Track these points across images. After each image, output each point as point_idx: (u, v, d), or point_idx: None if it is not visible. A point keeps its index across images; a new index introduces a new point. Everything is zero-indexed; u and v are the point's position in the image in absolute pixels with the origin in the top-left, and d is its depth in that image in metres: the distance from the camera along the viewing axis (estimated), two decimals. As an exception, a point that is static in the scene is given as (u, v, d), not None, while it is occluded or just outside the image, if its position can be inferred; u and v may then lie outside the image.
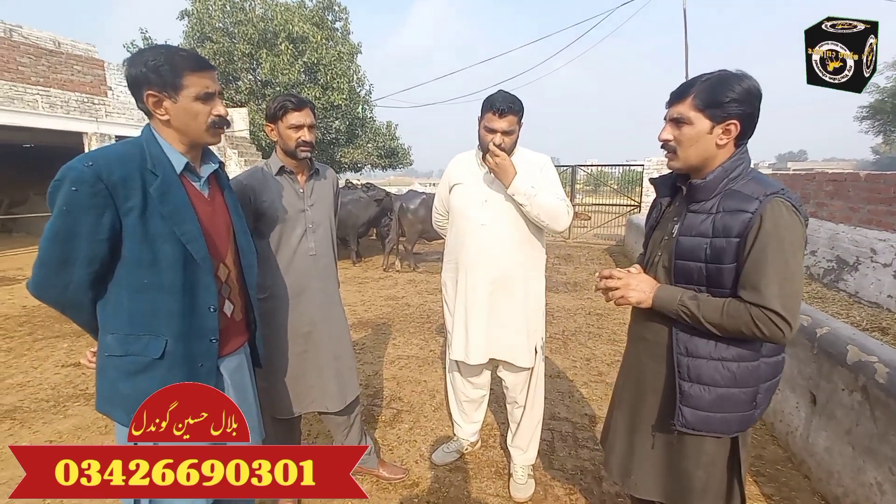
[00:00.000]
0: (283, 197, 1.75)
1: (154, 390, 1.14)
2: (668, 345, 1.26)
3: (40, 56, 8.13)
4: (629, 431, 1.40)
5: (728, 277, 1.14)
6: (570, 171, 11.90)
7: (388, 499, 2.06)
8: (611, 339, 4.19)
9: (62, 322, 4.71)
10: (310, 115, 1.74)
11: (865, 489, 1.77)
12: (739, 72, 1.15)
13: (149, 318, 1.14)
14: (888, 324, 4.01)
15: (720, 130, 1.16)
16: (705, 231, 1.16)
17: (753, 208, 1.09)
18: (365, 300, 5.61)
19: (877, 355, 1.85)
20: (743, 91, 1.12)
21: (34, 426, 2.69)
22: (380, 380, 3.32)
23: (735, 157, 1.18)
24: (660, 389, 1.31)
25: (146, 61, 1.12)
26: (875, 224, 5.04)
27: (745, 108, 1.14)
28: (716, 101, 1.13)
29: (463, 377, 2.22)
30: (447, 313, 2.17)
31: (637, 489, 1.37)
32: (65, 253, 1.07)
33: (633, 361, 1.42)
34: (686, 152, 1.21)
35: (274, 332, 1.76)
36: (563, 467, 2.30)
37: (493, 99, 1.83)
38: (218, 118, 1.21)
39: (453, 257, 2.07)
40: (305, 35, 13.08)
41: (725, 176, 1.17)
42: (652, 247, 1.38)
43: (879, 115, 23.17)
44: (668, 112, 1.23)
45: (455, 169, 2.07)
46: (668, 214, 1.36)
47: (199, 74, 1.17)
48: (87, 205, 1.05)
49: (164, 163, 1.16)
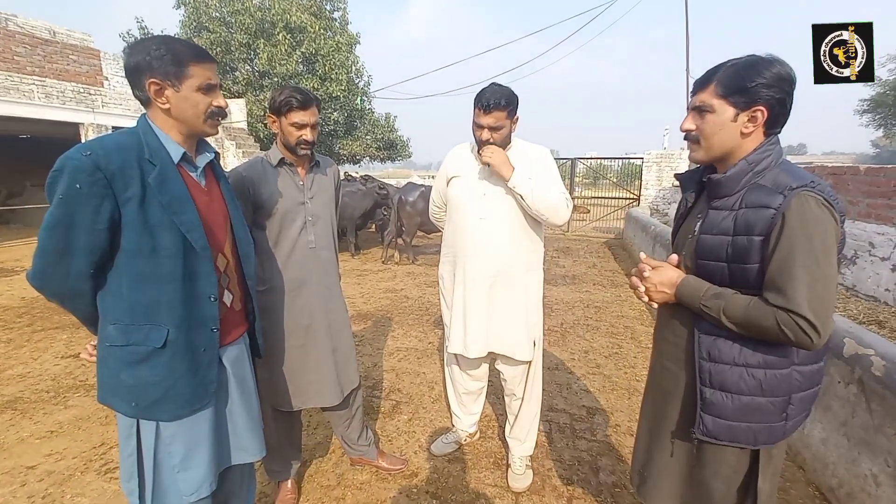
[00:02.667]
0: (282, 189, 1.74)
1: (157, 379, 1.16)
2: (688, 348, 1.19)
3: (36, 46, 8.05)
4: (649, 438, 1.35)
5: (753, 278, 1.06)
6: (569, 163, 11.87)
7: (387, 489, 2.08)
8: (609, 331, 4.21)
9: (61, 313, 4.71)
10: (314, 115, 1.72)
11: (860, 480, 1.79)
12: (769, 56, 1.06)
13: (150, 307, 1.14)
14: (885, 317, 4.03)
15: (745, 118, 1.07)
16: (727, 229, 1.09)
17: (778, 203, 1.01)
18: (364, 292, 5.62)
19: (873, 348, 1.87)
20: (772, 76, 1.03)
21: (35, 416, 2.70)
22: (379, 371, 3.33)
23: (762, 149, 1.09)
24: (680, 395, 1.24)
25: (150, 49, 1.12)
26: (874, 218, 5.04)
27: (773, 92, 1.04)
28: (740, 86, 1.05)
29: (461, 370, 2.23)
30: (444, 307, 2.17)
31: (651, 498, 1.32)
32: (64, 242, 1.07)
33: (655, 365, 1.36)
34: (709, 142, 1.13)
35: (274, 324, 1.76)
36: (561, 458, 2.32)
37: (481, 94, 1.80)
38: (217, 109, 1.22)
39: (451, 251, 2.06)
40: (303, 25, 12.97)
41: (749, 170, 1.09)
42: (678, 245, 1.31)
43: (880, 108, 23.10)
44: (692, 101, 1.16)
45: (453, 161, 2.05)
46: (693, 212, 1.29)
47: (203, 66, 1.18)
48: (86, 194, 1.04)
49: (162, 152, 1.16)
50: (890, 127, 24.92)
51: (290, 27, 12.90)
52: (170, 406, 1.18)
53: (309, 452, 2.34)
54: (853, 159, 61.66)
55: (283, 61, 12.80)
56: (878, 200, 4.99)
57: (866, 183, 5.21)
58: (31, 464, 2.26)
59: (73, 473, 2.19)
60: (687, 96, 5.96)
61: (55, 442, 2.45)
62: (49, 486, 2.10)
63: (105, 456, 2.32)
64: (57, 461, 2.28)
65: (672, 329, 1.25)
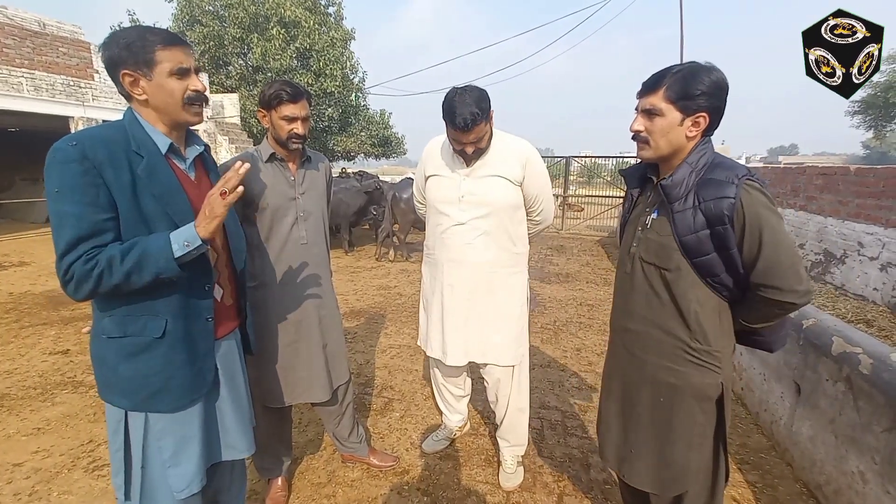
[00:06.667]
0: (273, 184, 1.72)
1: (157, 370, 1.15)
2: (652, 333, 1.30)
3: (25, 38, 7.92)
4: (621, 420, 1.44)
5: (740, 262, 1.17)
6: (563, 162, 11.89)
7: (378, 486, 2.08)
8: (601, 329, 4.22)
9: (49, 309, 4.66)
10: (305, 108, 1.70)
11: (847, 477, 1.80)
12: (709, 64, 1.17)
13: (146, 297, 1.13)
14: (873, 316, 4.08)
15: (690, 123, 1.19)
16: (701, 223, 1.17)
17: (733, 193, 1.13)
18: (357, 289, 5.60)
19: (861, 347, 1.88)
20: (712, 84, 1.15)
21: (22, 413, 2.66)
22: (371, 369, 3.33)
23: (698, 150, 1.21)
24: (648, 377, 1.33)
25: (118, 41, 1.10)
26: (863, 218, 5.09)
27: (714, 101, 1.17)
28: (687, 93, 1.16)
29: (444, 375, 2.20)
30: (422, 307, 2.10)
31: (631, 477, 1.41)
32: (79, 230, 1.03)
33: (618, 351, 1.44)
34: (657, 142, 1.23)
35: (265, 320, 1.75)
36: (552, 455, 2.32)
37: (452, 112, 1.62)
38: (195, 93, 1.18)
39: (432, 252, 2.00)
40: (298, 20, 12.86)
41: (691, 170, 1.20)
42: (627, 239, 1.41)
43: (871, 109, 23.30)
44: (640, 103, 1.25)
45: (430, 158, 1.95)
46: (640, 205, 1.40)
47: (171, 49, 1.13)
48: (80, 182, 1.02)
49: (149, 144, 1.15)
50: (880, 128, 25.17)
51: (284, 22, 12.78)
52: (169, 397, 1.18)
53: (300, 449, 2.33)
54: (844, 160, 62.30)
55: (277, 56, 12.68)
56: (868, 200, 5.04)
57: (856, 183, 5.26)
58: (18, 461, 2.23)
59: (61, 471, 2.16)
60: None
61: (42, 439, 2.42)
62: (36, 483, 2.08)
63: (93, 453, 2.30)
64: (44, 458, 2.26)
65: (632, 317, 1.36)
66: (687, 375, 1.26)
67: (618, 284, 1.46)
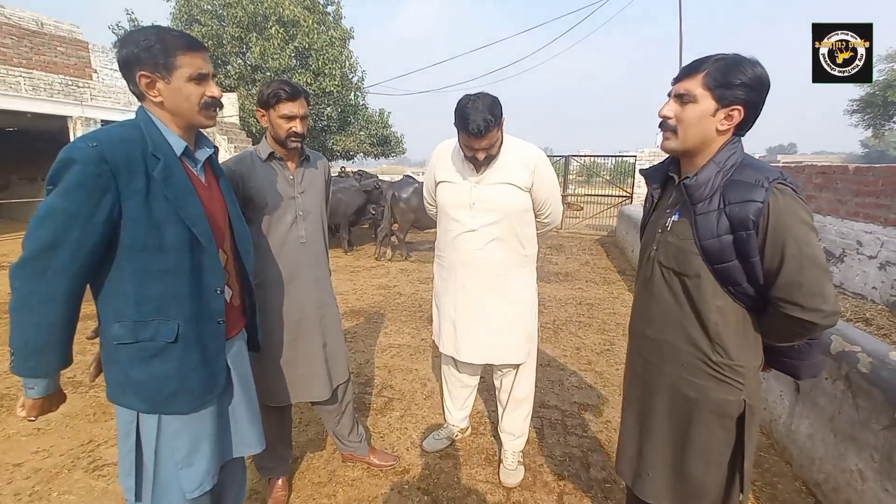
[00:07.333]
0: (272, 183, 1.72)
1: (171, 373, 1.15)
2: (671, 342, 1.23)
3: (23, 37, 7.91)
4: (637, 431, 1.37)
5: (760, 272, 1.09)
6: (563, 161, 11.89)
7: (379, 485, 2.08)
8: (601, 328, 4.23)
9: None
10: (303, 106, 1.70)
11: (846, 475, 1.81)
12: (753, 58, 1.09)
13: (158, 302, 1.13)
14: (872, 314, 4.08)
15: (723, 115, 1.11)
16: (724, 228, 1.10)
17: (762, 197, 1.05)
18: (357, 289, 5.60)
19: (860, 345, 1.89)
20: (755, 77, 1.08)
21: (21, 414, 2.66)
22: (371, 368, 3.33)
23: (727, 149, 1.14)
24: (666, 387, 1.26)
25: (138, 41, 1.10)
26: (862, 216, 5.10)
27: (753, 95, 1.09)
28: (727, 81, 1.08)
29: (454, 368, 2.23)
30: (434, 306, 2.16)
31: (646, 491, 1.33)
32: (54, 235, 1.03)
33: (636, 360, 1.37)
34: (685, 132, 1.15)
35: (264, 319, 1.74)
36: (552, 454, 2.33)
37: (465, 118, 1.64)
38: (211, 99, 1.19)
39: (443, 254, 2.04)
40: (296, 19, 12.84)
41: (718, 170, 1.13)
42: (647, 242, 1.33)
43: (870, 108, 23.31)
44: (675, 87, 1.16)
45: (440, 163, 1.96)
46: (660, 206, 1.31)
47: (192, 55, 1.14)
48: (90, 186, 1.02)
49: (165, 146, 1.14)
50: (879, 127, 25.19)
51: (282, 21, 12.76)
52: (185, 399, 1.18)
53: (300, 449, 2.33)
54: (843, 159, 62.36)
55: (276, 55, 12.66)
56: (867, 199, 5.05)
57: (855, 182, 5.26)
58: (18, 461, 2.23)
59: (61, 471, 2.16)
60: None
61: (42, 439, 2.42)
62: (36, 483, 2.08)
63: (93, 453, 2.30)
64: (44, 458, 2.26)
65: (651, 324, 1.29)
66: (706, 389, 1.19)
67: (638, 289, 1.38)
